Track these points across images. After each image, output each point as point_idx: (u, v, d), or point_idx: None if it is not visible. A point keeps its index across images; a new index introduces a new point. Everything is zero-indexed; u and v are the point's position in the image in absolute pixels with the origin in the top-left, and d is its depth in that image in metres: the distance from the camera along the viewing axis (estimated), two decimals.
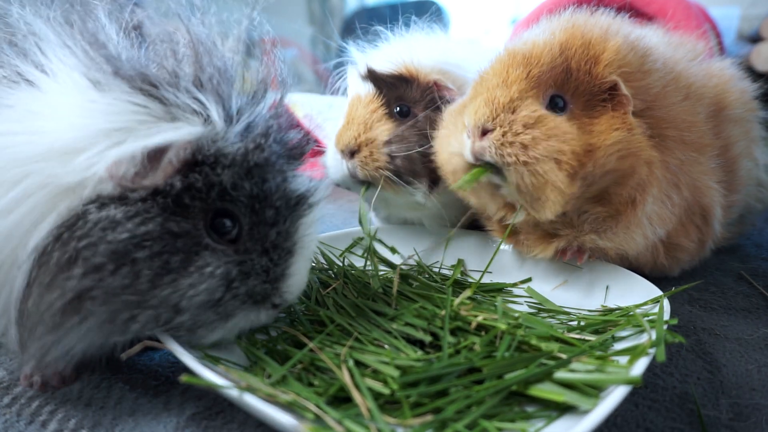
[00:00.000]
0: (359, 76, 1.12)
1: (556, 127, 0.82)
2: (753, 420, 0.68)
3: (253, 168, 0.65)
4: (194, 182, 0.61)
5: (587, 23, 0.89)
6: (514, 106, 0.83)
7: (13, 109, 0.59)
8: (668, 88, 0.91)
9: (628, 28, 0.95)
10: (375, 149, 1.06)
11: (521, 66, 0.85)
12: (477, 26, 3.83)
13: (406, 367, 0.64)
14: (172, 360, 0.80)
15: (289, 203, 0.69)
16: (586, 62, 0.84)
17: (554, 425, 0.58)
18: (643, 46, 0.89)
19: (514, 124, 0.82)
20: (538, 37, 0.87)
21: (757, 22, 2.17)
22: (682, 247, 1.01)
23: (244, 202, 0.65)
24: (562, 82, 0.85)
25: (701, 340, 0.89)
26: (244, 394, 0.56)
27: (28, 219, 0.57)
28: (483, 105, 0.85)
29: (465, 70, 1.09)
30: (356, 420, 0.55)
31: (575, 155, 0.81)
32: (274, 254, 0.69)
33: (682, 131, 0.90)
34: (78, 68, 0.59)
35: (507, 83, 0.85)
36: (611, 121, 0.84)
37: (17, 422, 0.67)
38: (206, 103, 0.61)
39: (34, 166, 0.56)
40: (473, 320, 0.75)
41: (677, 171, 0.90)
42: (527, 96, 0.84)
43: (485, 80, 0.89)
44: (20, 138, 0.57)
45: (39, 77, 0.60)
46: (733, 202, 1.09)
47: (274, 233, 0.68)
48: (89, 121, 0.57)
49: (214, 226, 0.64)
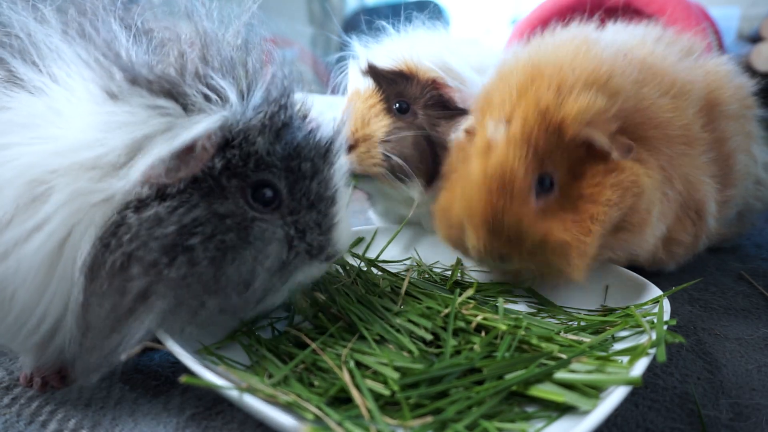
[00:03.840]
0: (360, 72, 1.13)
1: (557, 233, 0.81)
2: (753, 420, 0.68)
3: (280, 129, 0.67)
4: (231, 158, 0.63)
5: (539, 86, 0.83)
6: (513, 232, 0.82)
7: (30, 123, 0.59)
8: (644, 89, 0.89)
9: (597, 42, 0.91)
10: (372, 146, 1.06)
11: (501, 190, 0.81)
12: (477, 26, 3.83)
13: (407, 368, 0.64)
14: (172, 360, 0.80)
15: (320, 153, 0.71)
16: (552, 133, 0.81)
17: (554, 425, 0.58)
18: (604, 71, 0.84)
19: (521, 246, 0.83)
20: (500, 139, 0.82)
21: (757, 22, 2.16)
22: (678, 241, 1.01)
23: (278, 165, 0.67)
24: (540, 165, 0.82)
25: (701, 340, 0.89)
26: (244, 395, 0.56)
27: (57, 234, 0.57)
28: (481, 232, 0.84)
29: (465, 68, 1.09)
30: (356, 421, 0.55)
31: (578, 238, 0.81)
32: (321, 205, 0.71)
33: (665, 128, 0.89)
34: (94, 80, 0.59)
35: (495, 211, 0.82)
36: (597, 178, 0.83)
37: (17, 422, 0.67)
38: (221, 87, 0.62)
39: (57, 181, 0.56)
40: (473, 320, 0.75)
41: (668, 166, 0.90)
42: (521, 213, 0.81)
43: (473, 201, 0.84)
44: (40, 149, 0.57)
45: (55, 91, 0.60)
46: (729, 198, 1.08)
47: (315, 185, 0.70)
48: (112, 134, 0.57)
49: (256, 199, 0.66)
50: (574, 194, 0.84)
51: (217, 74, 0.63)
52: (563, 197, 0.84)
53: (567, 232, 0.81)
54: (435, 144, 1.08)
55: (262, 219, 0.65)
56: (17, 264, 0.56)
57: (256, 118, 0.64)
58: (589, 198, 0.82)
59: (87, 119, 0.58)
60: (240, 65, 0.66)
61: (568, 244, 0.80)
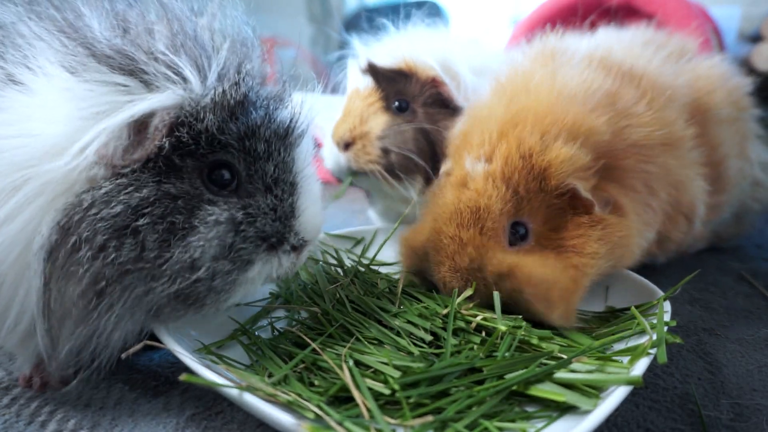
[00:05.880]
0: (359, 70, 1.12)
1: (532, 266, 0.76)
2: (754, 420, 0.68)
3: (234, 107, 0.64)
4: (180, 136, 0.61)
5: (521, 131, 0.80)
6: (478, 263, 0.79)
7: (5, 111, 0.59)
8: (618, 103, 0.86)
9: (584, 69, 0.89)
10: (368, 143, 1.06)
11: (473, 223, 0.79)
12: (477, 26, 3.82)
13: (407, 368, 0.63)
14: (172, 360, 0.80)
15: (278, 134, 0.69)
16: (534, 178, 0.79)
17: (555, 425, 0.57)
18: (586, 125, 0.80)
19: (487, 279, 0.79)
20: (478, 174, 0.81)
21: (758, 22, 2.16)
22: (671, 239, 1.01)
23: (234, 145, 0.64)
24: (516, 210, 0.80)
25: (702, 340, 0.89)
26: (244, 394, 0.56)
27: (32, 223, 0.57)
28: (446, 262, 0.81)
29: (465, 67, 1.09)
30: (356, 421, 0.55)
31: (561, 280, 0.76)
32: (278, 189, 0.68)
33: (642, 143, 0.86)
34: (56, 58, 0.58)
35: (463, 242, 0.80)
36: (581, 230, 0.79)
37: (16, 422, 0.67)
38: (181, 66, 0.60)
39: (32, 170, 0.56)
40: (473, 320, 0.75)
41: (650, 182, 0.88)
42: (488, 246, 0.79)
43: (442, 231, 0.82)
44: (15, 141, 0.57)
45: (28, 77, 0.59)
46: (721, 202, 1.08)
47: (271, 167, 0.67)
48: (70, 111, 0.57)
49: (213, 180, 0.64)
50: (553, 245, 0.80)
51: (180, 53, 0.61)
52: (539, 247, 0.81)
53: (548, 270, 0.76)
54: (434, 142, 1.08)
55: (216, 202, 0.63)
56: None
57: (207, 96, 0.62)
58: (572, 249, 0.79)
59: (52, 99, 0.57)
60: (205, 45, 0.64)
61: (547, 281, 0.75)
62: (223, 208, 0.64)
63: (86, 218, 0.56)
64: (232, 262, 0.64)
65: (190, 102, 0.61)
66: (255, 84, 0.69)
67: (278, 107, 0.70)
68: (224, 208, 0.64)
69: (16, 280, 0.58)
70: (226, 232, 0.63)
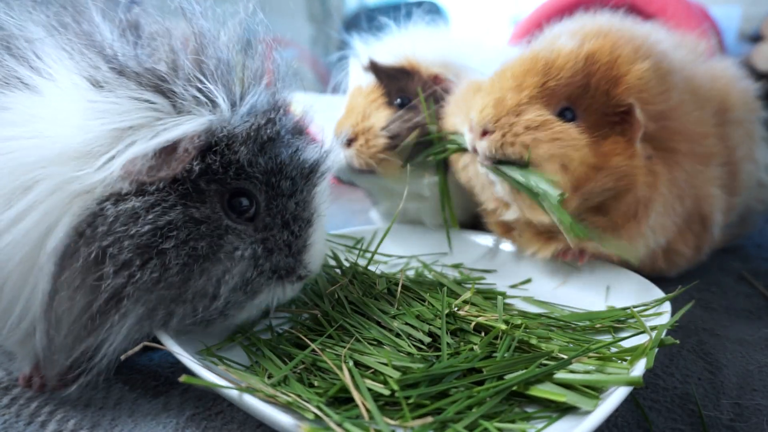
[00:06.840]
0: (361, 68, 1.12)
1: (563, 132, 0.81)
2: (754, 421, 0.68)
3: (266, 143, 0.66)
4: (211, 164, 0.62)
5: (620, 37, 0.86)
6: (520, 110, 0.83)
7: (13, 113, 0.59)
8: (684, 97, 0.89)
9: (658, 42, 0.92)
10: (371, 137, 1.06)
11: (540, 74, 0.84)
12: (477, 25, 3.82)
13: (407, 368, 0.63)
14: (172, 360, 0.80)
15: (303, 173, 0.71)
16: (607, 82, 0.83)
17: (555, 426, 0.57)
18: (666, 65, 0.87)
19: (516, 126, 0.82)
20: (565, 44, 0.86)
21: (758, 22, 2.16)
22: (679, 253, 1.01)
23: (259, 178, 0.66)
24: (577, 97, 0.84)
25: (702, 340, 0.89)
26: (243, 395, 0.56)
27: (42, 224, 0.56)
28: (491, 105, 0.84)
29: (466, 64, 1.08)
30: (356, 421, 0.55)
31: (583, 165, 0.80)
32: (295, 226, 0.70)
33: (693, 144, 0.89)
34: (77, 70, 0.59)
35: (520, 87, 0.84)
36: (614, 146, 0.83)
37: (16, 423, 0.67)
38: (212, 91, 0.61)
39: (43, 171, 0.56)
40: (473, 320, 0.75)
41: (683, 185, 0.89)
42: (536, 102, 0.83)
43: (503, 78, 0.88)
44: (25, 143, 0.57)
45: (38, 81, 0.60)
46: (734, 206, 1.08)
47: (292, 204, 0.69)
48: (96, 122, 0.57)
49: (232, 207, 0.65)
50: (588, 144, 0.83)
51: (210, 78, 0.62)
52: None
53: (566, 158, 0.81)
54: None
55: (235, 229, 0.64)
56: (2, 255, 0.56)
57: (241, 127, 0.63)
58: (596, 155, 0.82)
59: (71, 108, 0.57)
60: (235, 71, 0.65)
61: (569, 154, 0.80)
62: (246, 242, 0.65)
63: (112, 232, 0.57)
64: (244, 293, 0.67)
65: (220, 128, 0.62)
66: (288, 121, 0.71)
67: (306, 146, 0.72)
68: (247, 242, 0.65)
69: (22, 279, 0.58)
70: (247, 267, 0.66)
